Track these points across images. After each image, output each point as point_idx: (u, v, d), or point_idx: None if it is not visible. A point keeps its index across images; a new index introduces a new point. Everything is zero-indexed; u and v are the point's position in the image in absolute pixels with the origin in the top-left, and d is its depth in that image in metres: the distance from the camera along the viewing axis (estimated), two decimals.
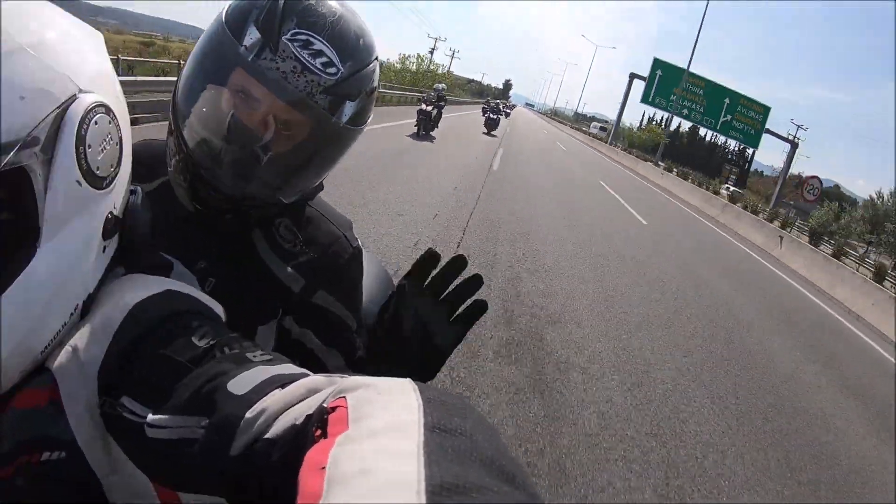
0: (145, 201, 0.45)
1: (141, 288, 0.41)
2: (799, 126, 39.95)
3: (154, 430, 0.33)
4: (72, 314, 0.38)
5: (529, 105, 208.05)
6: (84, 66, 0.35)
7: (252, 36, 0.53)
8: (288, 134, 0.57)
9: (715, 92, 25.36)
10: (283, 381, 0.33)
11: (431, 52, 46.52)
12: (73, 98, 0.33)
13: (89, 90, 0.34)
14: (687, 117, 27.28)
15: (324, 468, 0.22)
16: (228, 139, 0.56)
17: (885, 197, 25.54)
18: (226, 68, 0.54)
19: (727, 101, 25.01)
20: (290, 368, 0.36)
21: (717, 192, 17.04)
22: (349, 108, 0.59)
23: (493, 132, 19.07)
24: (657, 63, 26.66)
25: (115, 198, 0.40)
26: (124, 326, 0.38)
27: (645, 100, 27.78)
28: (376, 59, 0.62)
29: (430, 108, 11.89)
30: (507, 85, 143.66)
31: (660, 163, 26.64)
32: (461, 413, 0.25)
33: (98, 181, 0.36)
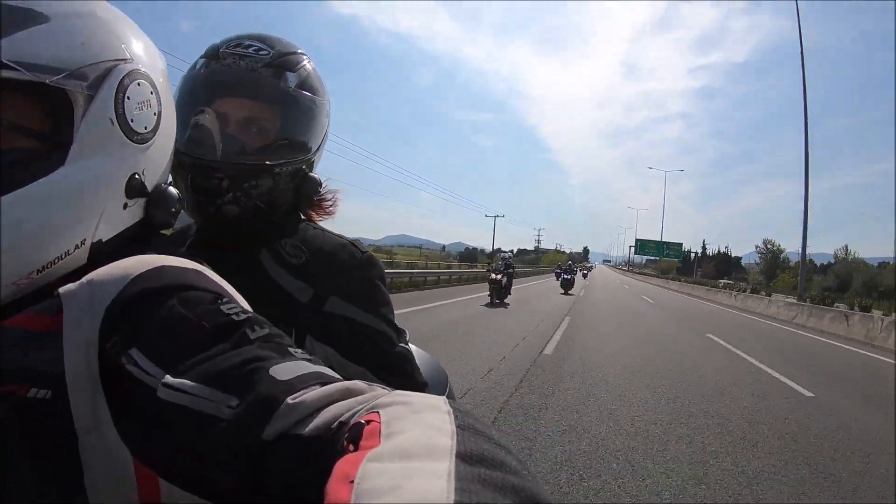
0: (178, 198, 0.48)
1: (174, 259, 0.41)
2: (705, 240, 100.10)
3: (171, 393, 0.32)
4: (77, 247, 0.39)
5: (607, 261, 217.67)
6: (133, 46, 0.43)
7: (200, 62, 0.68)
8: (255, 111, 0.66)
9: (658, 244, 59.55)
10: (323, 381, 0.32)
11: (558, 250, 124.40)
12: (124, 60, 0.42)
13: (139, 63, 0.43)
14: (651, 254, 63.79)
15: (352, 481, 0.21)
16: (203, 130, 0.62)
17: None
18: (188, 89, 0.66)
19: (665, 245, 58.72)
20: (329, 371, 0.34)
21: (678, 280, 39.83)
22: (293, 77, 0.68)
23: (569, 291, 18.72)
24: (637, 240, 62.08)
25: (147, 164, 0.44)
26: (146, 276, 0.37)
27: (636, 253, 65.44)
28: (303, 54, 0.72)
29: (500, 276, 12.15)
30: (585, 250, 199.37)
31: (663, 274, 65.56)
32: (493, 441, 0.25)
33: (130, 132, 0.42)
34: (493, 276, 12.30)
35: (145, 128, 0.44)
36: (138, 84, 0.43)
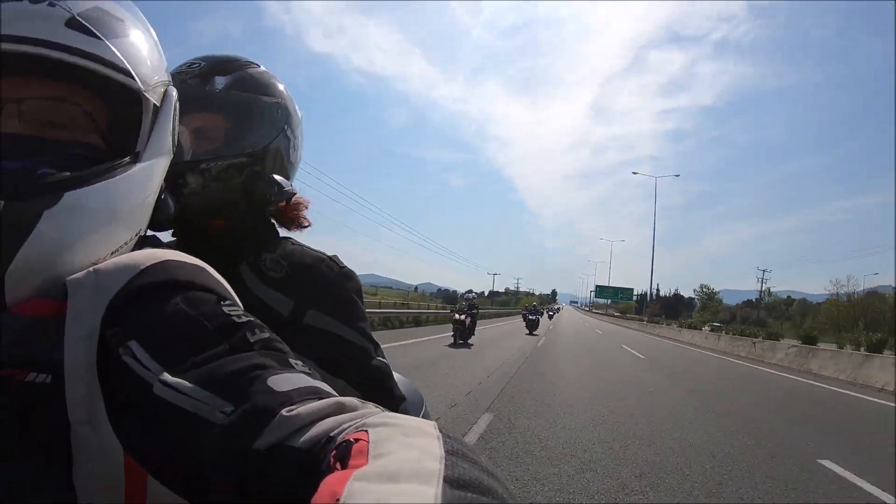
0: (171, 204, 0.51)
1: (180, 255, 0.42)
2: (659, 284, 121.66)
3: (168, 391, 0.32)
4: (135, 236, 0.43)
5: (574, 302, 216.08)
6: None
7: None
8: (200, 120, 0.68)
9: (615, 289, 73.16)
10: (319, 395, 0.32)
11: (529, 293, 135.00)
12: (169, 81, 0.47)
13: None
14: (608, 298, 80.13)
15: (338, 500, 0.21)
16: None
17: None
18: None
19: (619, 290, 73.29)
20: (325, 386, 0.34)
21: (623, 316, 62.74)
22: (222, 80, 0.70)
23: (534, 332, 19.26)
24: (597, 286, 76.99)
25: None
26: (153, 269, 0.38)
27: (596, 297, 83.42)
28: (249, 61, 0.74)
29: (463, 317, 12.08)
30: (554, 293, 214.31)
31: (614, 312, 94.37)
32: (481, 468, 0.25)
33: (174, 143, 0.47)
34: (457, 316, 12.25)
35: (175, 141, 0.49)
36: (176, 102, 0.49)
